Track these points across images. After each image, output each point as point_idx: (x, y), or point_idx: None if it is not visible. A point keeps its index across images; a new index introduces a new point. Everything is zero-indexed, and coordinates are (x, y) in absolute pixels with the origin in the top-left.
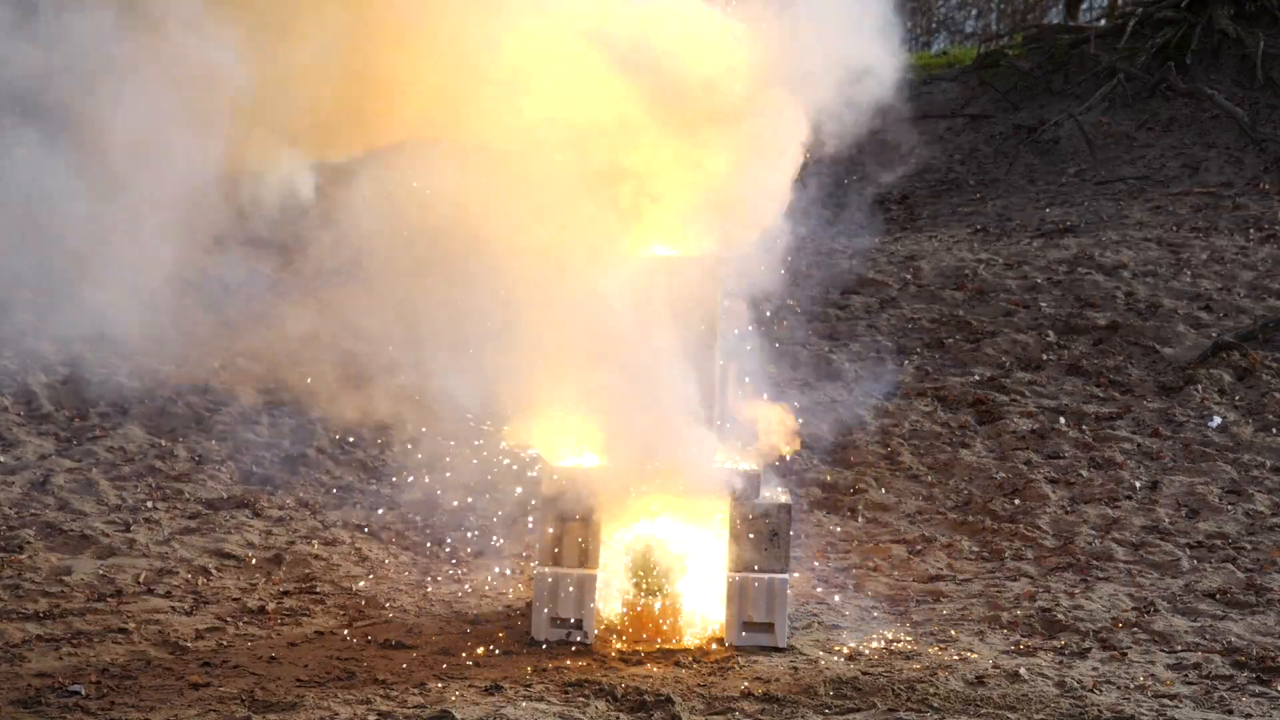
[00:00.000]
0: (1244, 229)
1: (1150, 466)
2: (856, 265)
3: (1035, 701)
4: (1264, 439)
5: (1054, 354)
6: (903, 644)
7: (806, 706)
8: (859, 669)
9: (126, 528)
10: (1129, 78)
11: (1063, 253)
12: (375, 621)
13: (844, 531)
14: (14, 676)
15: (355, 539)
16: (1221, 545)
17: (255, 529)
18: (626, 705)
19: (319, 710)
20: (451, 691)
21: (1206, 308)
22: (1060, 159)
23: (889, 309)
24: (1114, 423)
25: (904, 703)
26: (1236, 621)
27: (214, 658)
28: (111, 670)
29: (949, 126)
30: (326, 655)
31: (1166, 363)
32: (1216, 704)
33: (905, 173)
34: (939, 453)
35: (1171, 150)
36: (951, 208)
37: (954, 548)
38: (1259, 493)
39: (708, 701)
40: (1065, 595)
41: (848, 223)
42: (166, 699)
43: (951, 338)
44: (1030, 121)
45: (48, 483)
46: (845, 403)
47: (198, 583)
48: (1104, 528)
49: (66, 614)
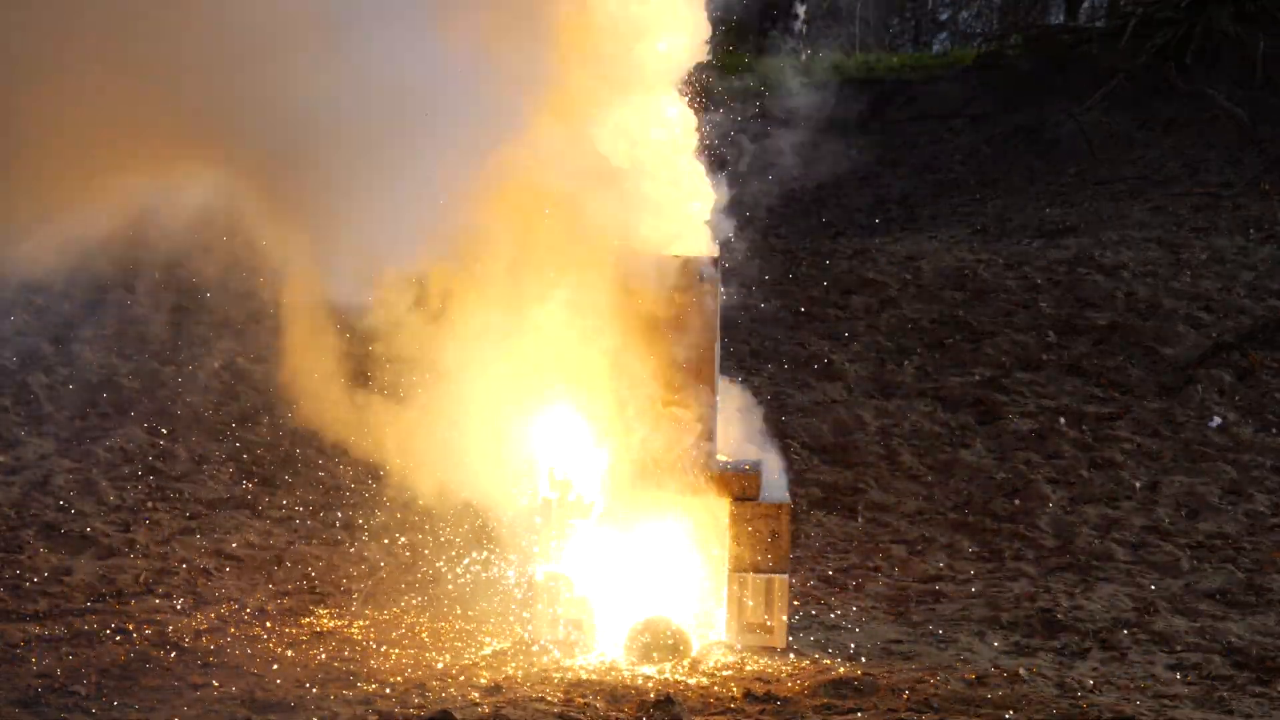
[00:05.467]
0: (1244, 229)
1: (1150, 467)
2: (856, 265)
3: (1035, 701)
4: (1264, 439)
5: (1054, 354)
6: (903, 644)
7: (806, 706)
8: (859, 669)
9: (126, 528)
10: (1129, 78)
11: (1063, 253)
12: (375, 621)
13: (844, 531)
14: (14, 676)
15: (355, 539)
16: (1221, 545)
17: (255, 529)
18: (626, 705)
19: (319, 710)
20: (451, 691)
21: (1206, 308)
22: (1060, 159)
23: (889, 309)
24: (1114, 423)
25: (904, 703)
26: (1236, 621)
27: (214, 658)
28: (111, 670)
29: (949, 126)
30: (326, 655)
31: (1166, 363)
32: (1216, 704)
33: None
34: (939, 453)
35: (1171, 150)
36: (951, 208)
37: (954, 548)
38: (1259, 493)
39: (708, 702)
40: (1065, 595)
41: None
42: (166, 699)
43: (951, 338)
44: (1030, 121)
45: (48, 483)
46: (845, 403)
47: (198, 583)
48: (1104, 528)
49: (66, 614)
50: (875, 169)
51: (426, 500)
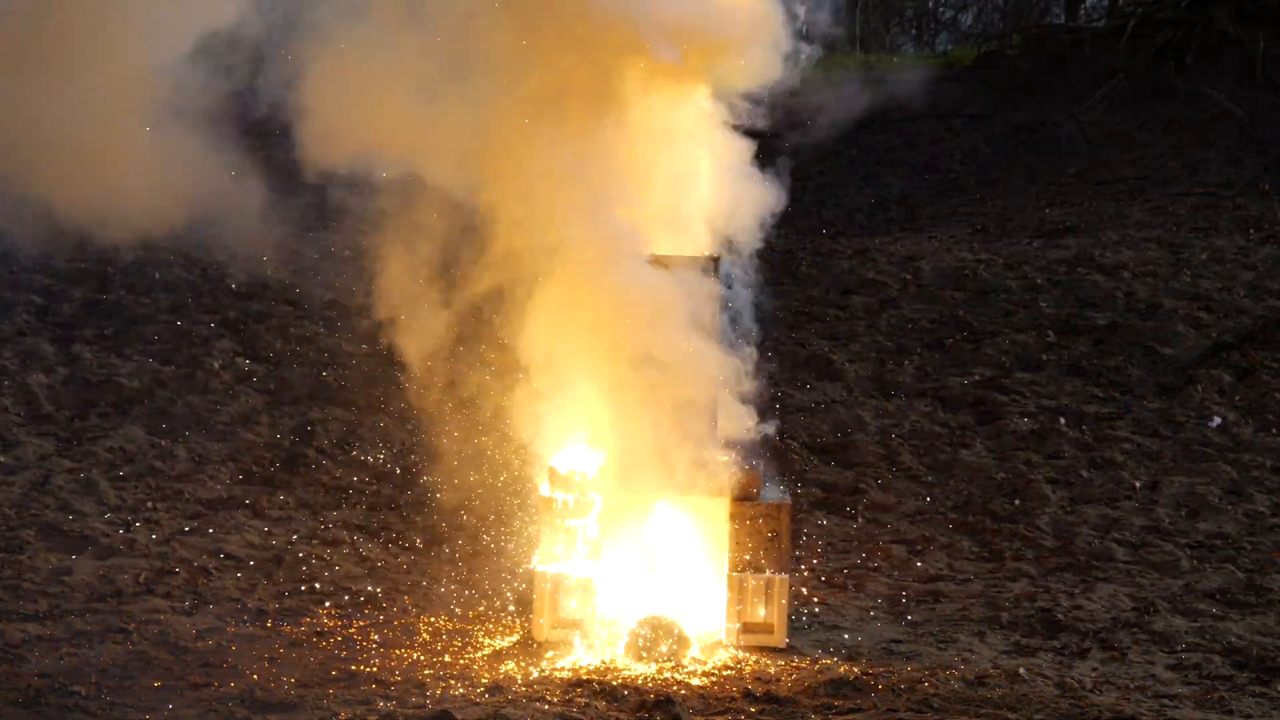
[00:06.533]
0: (1244, 229)
1: (1150, 467)
2: (856, 265)
3: (1035, 701)
4: (1264, 439)
5: (1054, 354)
6: (903, 644)
7: (806, 706)
8: (859, 669)
9: (126, 528)
10: (1129, 78)
11: (1063, 253)
12: (375, 621)
13: (844, 531)
14: (14, 676)
15: (355, 539)
16: (1221, 545)
17: (255, 529)
18: (626, 705)
19: (319, 710)
20: (451, 691)
21: (1206, 308)
22: (1060, 159)
23: (889, 309)
24: (1114, 423)
25: (904, 703)
26: (1236, 621)
27: (214, 658)
28: (111, 670)
29: (949, 126)
30: (326, 655)
31: (1166, 363)
32: (1216, 704)
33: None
34: (939, 453)
35: (1171, 150)
36: (951, 208)
37: (954, 548)
38: (1259, 493)
39: (708, 702)
40: (1065, 595)
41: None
42: (166, 699)
43: (951, 338)
44: (1030, 121)
45: (48, 483)
46: (845, 403)
47: (198, 583)
48: (1104, 528)
49: (66, 614)
50: (875, 169)
51: (427, 499)
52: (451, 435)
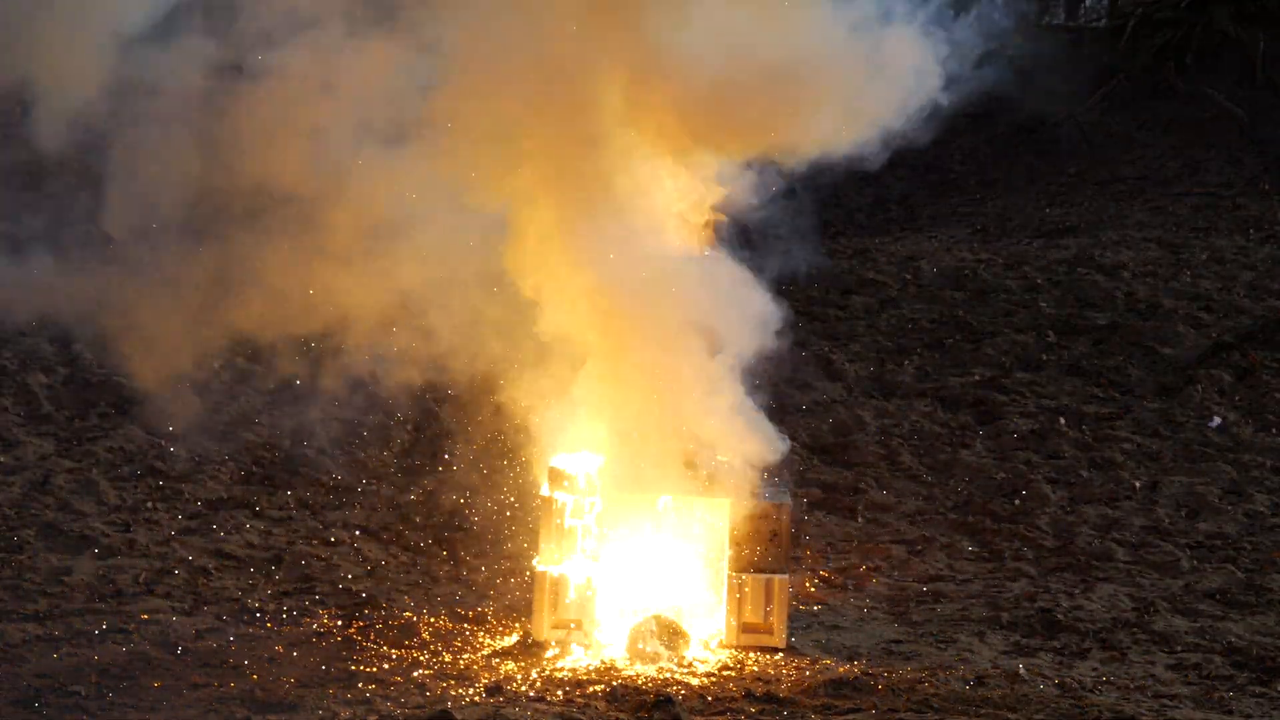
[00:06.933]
0: (1244, 229)
1: (1150, 467)
2: (856, 265)
3: (1035, 702)
4: (1264, 439)
5: (1054, 354)
6: (903, 644)
7: (806, 706)
8: (859, 669)
9: (126, 528)
10: (1129, 77)
11: (1063, 253)
12: (375, 621)
13: (844, 531)
14: (14, 676)
15: (355, 539)
16: (1221, 545)
17: (255, 529)
18: (626, 705)
19: (319, 710)
20: (452, 691)
21: (1206, 308)
22: (1060, 159)
23: (889, 309)
24: (1114, 423)
25: (904, 703)
26: (1236, 621)
27: (214, 658)
28: (111, 670)
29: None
30: (326, 655)
31: (1166, 363)
32: (1216, 704)
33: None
34: (939, 453)
35: (1171, 150)
36: (951, 208)
37: (954, 548)
38: (1259, 493)
39: (708, 702)
40: (1065, 595)
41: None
42: (166, 699)
43: (951, 338)
44: (1030, 121)
45: (48, 483)
46: (845, 403)
47: (198, 583)
48: (1104, 528)
49: (66, 614)
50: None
51: (427, 499)
52: (452, 435)
